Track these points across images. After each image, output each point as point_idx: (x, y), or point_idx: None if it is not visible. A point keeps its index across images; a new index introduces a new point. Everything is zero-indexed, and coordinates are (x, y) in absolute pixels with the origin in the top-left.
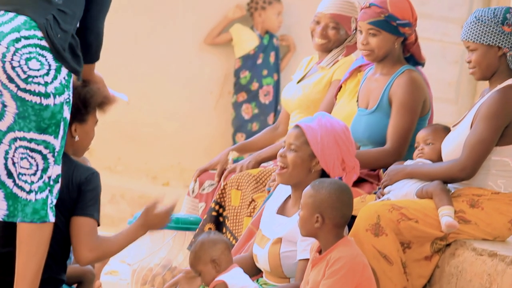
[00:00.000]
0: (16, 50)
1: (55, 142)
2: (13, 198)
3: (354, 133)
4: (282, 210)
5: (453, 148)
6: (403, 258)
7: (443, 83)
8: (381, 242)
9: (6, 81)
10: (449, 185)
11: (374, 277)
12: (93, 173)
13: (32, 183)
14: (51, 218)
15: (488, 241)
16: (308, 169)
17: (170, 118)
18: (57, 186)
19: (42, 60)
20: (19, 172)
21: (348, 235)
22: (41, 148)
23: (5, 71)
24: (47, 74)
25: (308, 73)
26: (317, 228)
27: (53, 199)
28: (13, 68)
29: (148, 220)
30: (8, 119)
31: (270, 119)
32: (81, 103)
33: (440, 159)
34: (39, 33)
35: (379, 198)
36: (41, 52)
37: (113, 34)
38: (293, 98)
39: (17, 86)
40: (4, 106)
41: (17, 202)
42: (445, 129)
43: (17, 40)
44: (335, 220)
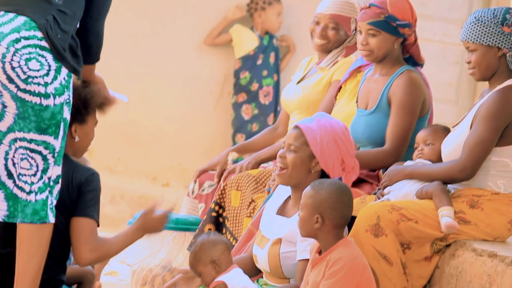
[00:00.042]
0: (16, 51)
1: (55, 143)
2: (13, 198)
3: (353, 133)
4: (282, 211)
5: (453, 149)
6: (403, 258)
7: (443, 83)
8: (381, 242)
9: (6, 82)
10: (449, 185)
11: (374, 277)
12: (93, 174)
13: (32, 184)
14: (51, 219)
15: (488, 241)
16: (308, 170)
17: (170, 118)
18: (57, 187)
19: (42, 60)
20: (19, 173)
21: (348, 235)
22: (41, 148)
23: (5, 72)
24: (47, 74)
25: (307, 74)
26: (317, 229)
27: (53, 200)
28: (13, 68)
29: (146, 224)
30: (8, 119)
31: (270, 120)
32: (81, 104)
33: (439, 159)
34: (39, 34)
35: (379, 198)
36: (41, 52)
37: (113, 35)
38: (293, 99)
39: (17, 86)
40: (4, 106)
41: (17, 202)
42: (445, 130)
43: (17, 40)
44: (335, 221)
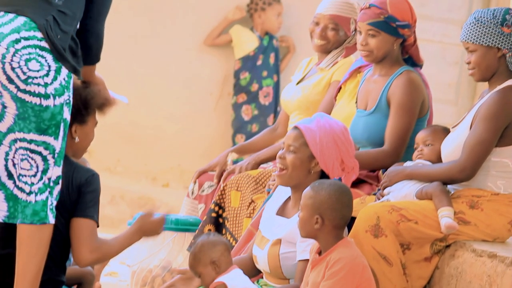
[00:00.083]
0: (16, 51)
1: (55, 143)
2: (13, 199)
3: (353, 134)
4: (282, 211)
5: (452, 149)
6: (402, 259)
7: (443, 84)
8: (380, 243)
9: (6, 82)
10: (449, 186)
11: (373, 278)
12: (93, 175)
13: (32, 185)
14: (51, 220)
15: (487, 242)
16: (308, 170)
17: (170, 119)
18: (57, 187)
19: (42, 61)
20: (19, 173)
21: (347, 236)
22: (41, 149)
23: (5, 72)
24: (46, 75)
25: (307, 75)
26: (316, 229)
27: (53, 201)
28: (13, 69)
29: (143, 227)
30: (8, 120)
31: (270, 120)
32: (81, 104)
33: (439, 160)
34: (39, 34)
35: (379, 199)
36: (41, 53)
37: (113, 35)
38: (293, 99)
39: (17, 87)
40: (4, 107)
41: (17, 203)
42: (445, 130)
43: (17, 41)
44: (334, 221)
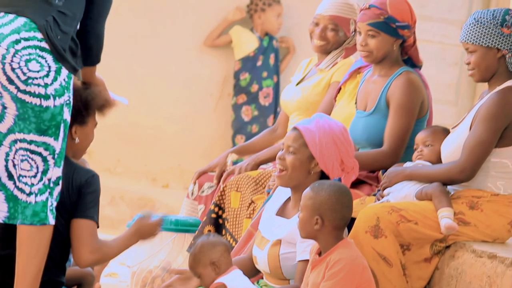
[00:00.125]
0: (16, 52)
1: (55, 144)
2: (13, 200)
3: (352, 135)
4: (282, 212)
5: (452, 150)
6: (402, 260)
7: (442, 85)
8: (380, 244)
9: (6, 83)
10: (449, 187)
11: (373, 279)
12: (93, 176)
13: (32, 185)
14: (51, 221)
15: (487, 243)
16: (308, 171)
17: (170, 120)
18: (58, 188)
19: (42, 61)
20: (19, 174)
21: (347, 237)
22: (41, 150)
23: (5, 73)
24: (47, 75)
25: (307, 75)
26: (316, 230)
27: (53, 202)
28: (13, 69)
29: (140, 229)
30: (8, 121)
31: (270, 121)
32: (82, 105)
33: (439, 160)
34: (39, 35)
35: (379, 200)
36: (41, 53)
37: (113, 36)
38: (292, 100)
39: (17, 87)
40: (4, 108)
41: (17, 204)
42: (444, 131)
43: (17, 41)
44: (334, 222)
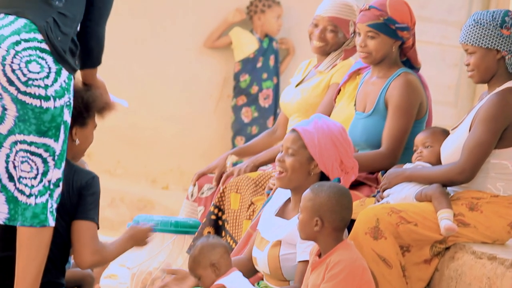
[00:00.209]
0: (16, 53)
1: (55, 146)
2: (14, 201)
3: (351, 136)
4: (281, 213)
5: (452, 151)
6: (402, 261)
7: (442, 86)
8: (380, 245)
9: (6, 84)
10: (448, 188)
11: (373, 280)
12: (93, 177)
13: (32, 187)
14: (51, 223)
15: (487, 244)
16: (307, 172)
17: (170, 121)
18: (58, 190)
19: (42, 63)
20: (19, 176)
21: (347, 238)
22: (41, 151)
23: (5, 74)
24: (47, 77)
25: (306, 77)
26: (316, 232)
27: (53, 203)
28: (13, 71)
29: (133, 236)
30: (9, 122)
31: (270, 123)
32: (83, 107)
33: (439, 162)
34: (39, 36)
35: (378, 201)
36: (41, 55)
37: (112, 37)
38: (292, 102)
39: (17, 89)
40: (4, 109)
41: (17, 205)
42: (444, 132)
43: (17, 43)
44: (334, 224)
